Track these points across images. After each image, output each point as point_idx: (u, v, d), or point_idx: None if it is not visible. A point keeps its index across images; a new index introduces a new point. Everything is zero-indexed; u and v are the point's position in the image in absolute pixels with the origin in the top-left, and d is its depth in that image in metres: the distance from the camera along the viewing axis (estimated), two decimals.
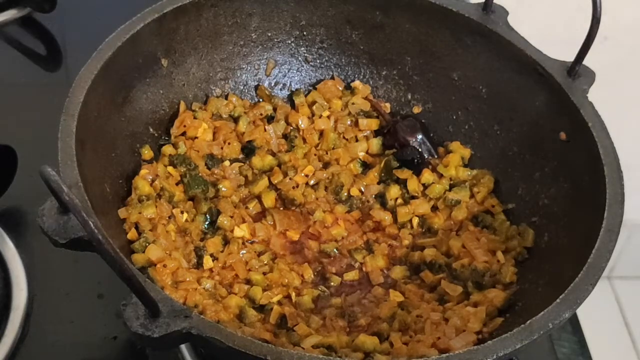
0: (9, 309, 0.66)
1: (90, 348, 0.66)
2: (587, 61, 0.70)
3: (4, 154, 0.73)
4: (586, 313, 0.55)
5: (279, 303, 0.65)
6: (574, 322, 0.76)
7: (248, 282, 0.66)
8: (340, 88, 0.80)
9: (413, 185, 0.75)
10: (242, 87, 0.79)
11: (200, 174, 0.71)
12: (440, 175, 0.75)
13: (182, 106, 0.74)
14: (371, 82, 0.81)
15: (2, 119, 0.82)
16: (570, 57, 0.70)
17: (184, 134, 0.74)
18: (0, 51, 0.94)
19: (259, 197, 0.73)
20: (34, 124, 0.81)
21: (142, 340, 0.47)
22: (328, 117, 0.78)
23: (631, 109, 1.31)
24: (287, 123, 0.78)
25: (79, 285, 0.68)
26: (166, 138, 0.74)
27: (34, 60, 0.96)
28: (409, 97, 0.81)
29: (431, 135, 0.78)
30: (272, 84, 0.81)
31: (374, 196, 0.75)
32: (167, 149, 0.72)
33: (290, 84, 0.81)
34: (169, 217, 0.68)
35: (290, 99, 0.80)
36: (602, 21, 0.66)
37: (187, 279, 0.63)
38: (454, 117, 0.79)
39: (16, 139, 0.74)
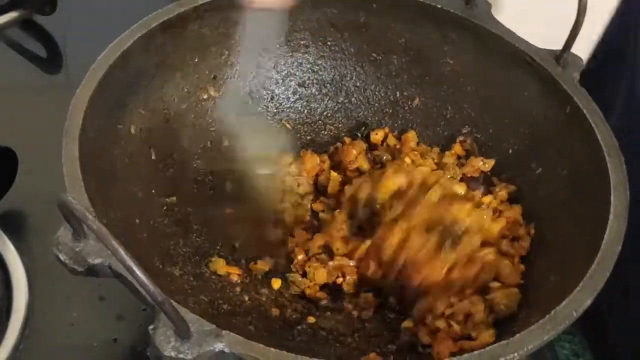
0: (10, 311, 0.66)
1: (91, 350, 0.66)
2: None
3: (5, 156, 0.73)
4: None
5: None
6: (574, 322, 0.76)
7: None
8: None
9: None
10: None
11: None
12: None
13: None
14: (359, 83, 0.81)
15: (3, 121, 0.82)
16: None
17: None
18: (0, 53, 0.94)
19: None
20: (34, 126, 0.81)
21: None
22: None
23: None
24: None
25: (80, 287, 0.68)
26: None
27: (35, 62, 0.96)
28: (398, 95, 0.81)
29: None
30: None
31: None
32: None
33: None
34: None
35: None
36: (602, 22, 0.66)
37: None
38: (445, 113, 0.79)
39: (16, 141, 0.74)
